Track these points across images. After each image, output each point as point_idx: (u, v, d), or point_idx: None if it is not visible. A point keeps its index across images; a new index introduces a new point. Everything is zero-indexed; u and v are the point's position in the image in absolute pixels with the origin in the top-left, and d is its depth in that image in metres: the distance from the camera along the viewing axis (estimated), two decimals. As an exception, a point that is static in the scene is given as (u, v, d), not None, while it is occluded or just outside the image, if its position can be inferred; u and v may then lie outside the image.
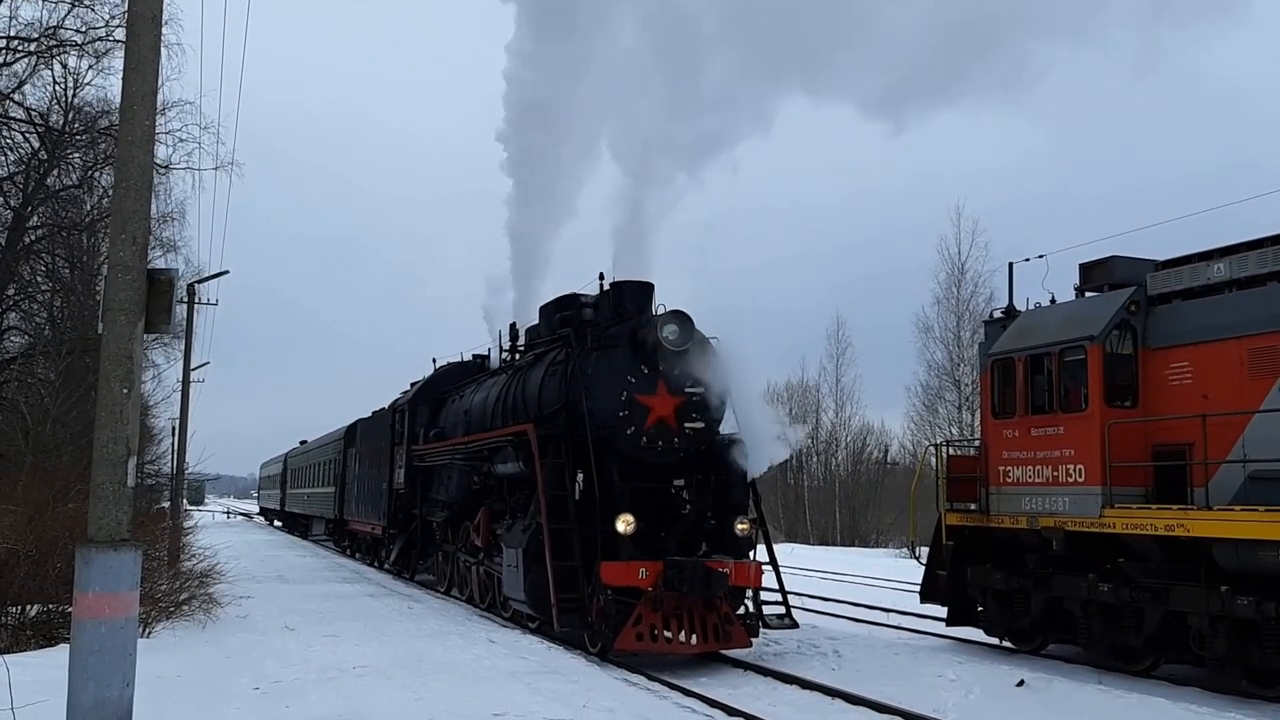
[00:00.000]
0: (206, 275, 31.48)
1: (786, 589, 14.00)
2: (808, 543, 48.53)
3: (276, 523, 61.16)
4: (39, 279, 26.03)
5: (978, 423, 18.47)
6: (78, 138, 24.62)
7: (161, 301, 7.21)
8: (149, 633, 13.07)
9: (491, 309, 22.26)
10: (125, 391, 7.07)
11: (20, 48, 21.95)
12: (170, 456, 37.26)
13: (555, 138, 18.83)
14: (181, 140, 24.23)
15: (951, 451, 15.32)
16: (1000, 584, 13.49)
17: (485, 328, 22.56)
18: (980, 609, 14.08)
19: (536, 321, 17.58)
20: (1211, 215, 15.42)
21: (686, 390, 13.89)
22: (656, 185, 14.24)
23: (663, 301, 14.31)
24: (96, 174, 25.94)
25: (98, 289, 25.68)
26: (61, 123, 24.03)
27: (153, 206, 8.13)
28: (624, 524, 13.04)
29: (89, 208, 26.51)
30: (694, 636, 12.66)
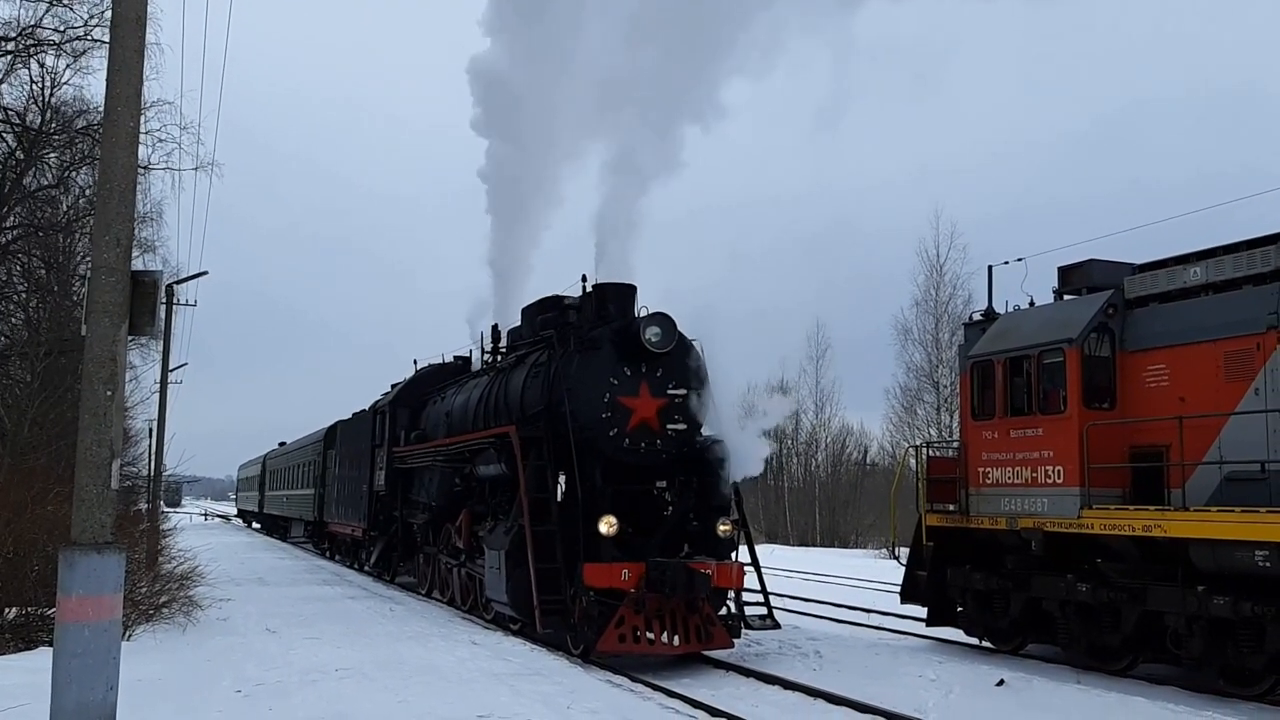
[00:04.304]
0: (185, 276, 31.34)
1: (768, 590, 14.06)
2: (788, 543, 48.69)
3: (255, 525, 60.81)
4: (15, 280, 25.82)
5: (957, 424, 18.56)
6: (55, 137, 24.47)
7: (146, 304, 7.19)
8: (129, 635, 12.99)
9: (473, 313, 22.31)
10: (109, 394, 7.04)
11: (-3, 47, 21.80)
12: (147, 458, 37.03)
13: (534, 131, 18.92)
14: (160, 141, 24.13)
15: (931, 453, 15.42)
16: (980, 584, 13.59)
17: (468, 329, 22.61)
18: (960, 609, 14.17)
19: (518, 323, 17.59)
20: (1192, 219, 15.60)
21: (669, 392, 13.92)
22: (639, 177, 14.28)
23: (645, 304, 14.36)
24: (73, 174, 25.79)
25: (75, 290, 25.57)
26: (39, 122, 23.87)
27: (135, 208, 8.07)
28: (606, 525, 13.06)
29: (65, 208, 26.33)
30: (676, 638, 12.69)
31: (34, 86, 23.62)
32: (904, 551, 15.46)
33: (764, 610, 13.63)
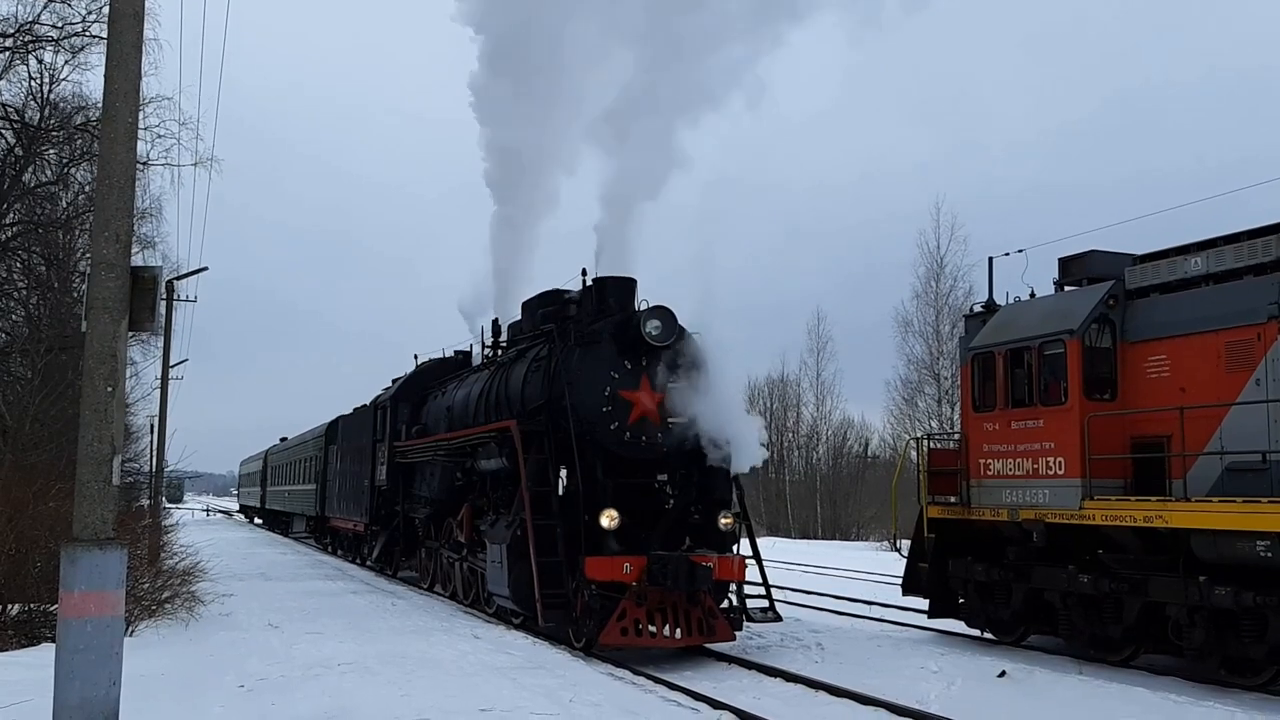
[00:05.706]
0: (185, 272, 31.36)
1: (769, 582, 14.07)
2: (789, 536, 48.73)
3: (257, 520, 60.89)
4: (15, 276, 25.83)
5: (958, 416, 18.57)
6: (53, 134, 24.46)
7: (145, 299, 7.19)
8: (131, 631, 13.00)
9: (470, 307, 22.30)
10: (110, 390, 7.04)
11: (-5, 43, 21.79)
12: (149, 454, 37.08)
13: (535, 121, 18.86)
14: (160, 136, 24.13)
15: (932, 445, 15.42)
16: (981, 576, 13.60)
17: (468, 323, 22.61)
18: (961, 601, 14.18)
19: (518, 318, 17.58)
20: (1192, 209, 15.58)
21: (670, 385, 13.92)
22: (639, 164, 14.23)
23: (645, 297, 14.36)
24: (72, 170, 25.79)
25: (75, 286, 25.57)
26: (37, 119, 23.87)
27: (134, 204, 8.07)
28: (608, 519, 13.06)
29: (65, 204, 26.34)
30: (678, 630, 12.71)
31: (32, 83, 23.66)
32: (905, 544, 15.48)
33: (766, 603, 13.64)
